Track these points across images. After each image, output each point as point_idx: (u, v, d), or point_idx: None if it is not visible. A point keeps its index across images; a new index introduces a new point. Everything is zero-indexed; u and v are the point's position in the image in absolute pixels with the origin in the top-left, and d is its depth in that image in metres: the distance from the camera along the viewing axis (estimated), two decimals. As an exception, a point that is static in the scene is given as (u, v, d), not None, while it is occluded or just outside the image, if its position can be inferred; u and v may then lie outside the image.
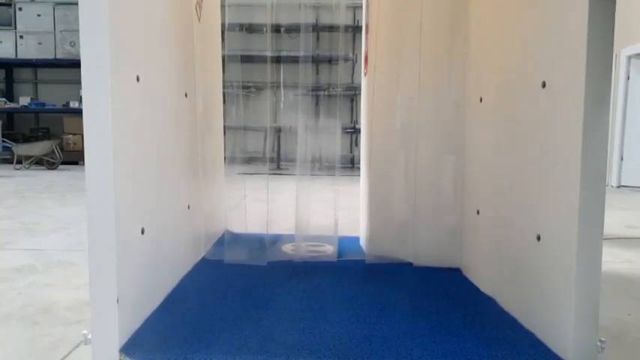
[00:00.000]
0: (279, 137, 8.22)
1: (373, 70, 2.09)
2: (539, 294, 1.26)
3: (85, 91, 1.08)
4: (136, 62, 1.24)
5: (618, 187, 6.21)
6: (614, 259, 2.43)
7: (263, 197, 4.04)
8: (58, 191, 4.86)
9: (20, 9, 9.00)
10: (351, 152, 8.84)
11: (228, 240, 2.19)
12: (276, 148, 8.40)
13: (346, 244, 2.29)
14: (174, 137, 1.59)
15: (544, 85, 1.25)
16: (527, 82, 1.33)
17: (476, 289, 1.66)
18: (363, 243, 2.29)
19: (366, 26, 2.23)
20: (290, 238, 2.32)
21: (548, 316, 1.21)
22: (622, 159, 6.20)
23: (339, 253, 2.13)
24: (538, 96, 1.28)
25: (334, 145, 2.30)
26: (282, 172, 7.18)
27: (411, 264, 1.96)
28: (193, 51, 1.85)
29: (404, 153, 1.96)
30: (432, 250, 1.94)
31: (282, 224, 2.80)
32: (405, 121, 1.92)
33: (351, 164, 8.44)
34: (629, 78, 6.12)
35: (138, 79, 1.25)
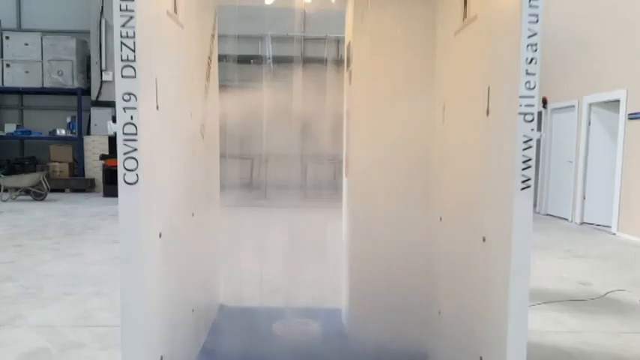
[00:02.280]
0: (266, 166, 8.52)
1: (353, 174, 2.42)
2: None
3: (122, 251, 1.37)
4: (159, 221, 1.52)
5: (581, 224, 6.69)
6: (558, 329, 2.72)
7: (256, 244, 4.32)
8: (51, 237, 5.02)
9: (7, 37, 9.06)
10: (334, 179, 9.20)
11: (223, 325, 2.49)
12: (262, 176, 8.72)
13: (329, 319, 2.61)
14: (189, 261, 1.87)
15: (484, 239, 1.59)
16: (472, 236, 1.66)
17: (438, 381, 1.98)
18: (344, 320, 2.61)
19: (347, 113, 2.55)
20: (280, 313, 2.64)
21: None
22: (584, 198, 6.69)
23: (323, 332, 2.46)
24: (480, 247, 1.61)
25: (320, 173, 2.61)
26: (268, 201, 7.47)
27: (387, 346, 2.28)
28: (201, 169, 2.14)
29: (380, 253, 2.28)
30: (405, 334, 2.26)
31: (274, 279, 3.13)
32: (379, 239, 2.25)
33: (334, 190, 8.78)
34: (590, 124, 6.62)
35: (160, 236, 1.53)
